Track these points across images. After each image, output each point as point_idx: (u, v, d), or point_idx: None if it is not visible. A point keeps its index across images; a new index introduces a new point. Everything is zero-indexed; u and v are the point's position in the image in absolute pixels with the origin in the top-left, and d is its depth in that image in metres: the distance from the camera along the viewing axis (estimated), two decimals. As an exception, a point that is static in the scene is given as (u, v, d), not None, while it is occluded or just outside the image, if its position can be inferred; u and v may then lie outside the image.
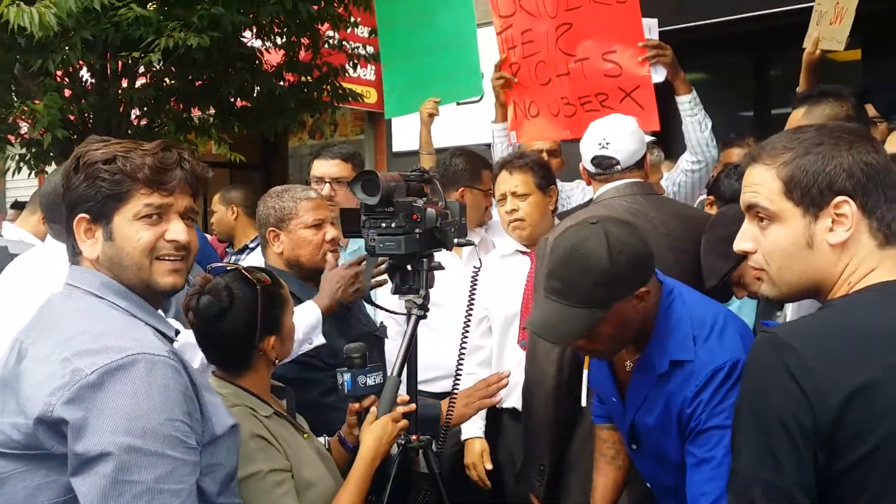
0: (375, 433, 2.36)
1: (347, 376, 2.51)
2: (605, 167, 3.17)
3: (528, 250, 3.56)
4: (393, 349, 3.21)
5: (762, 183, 1.68)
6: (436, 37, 4.93)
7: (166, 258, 1.83)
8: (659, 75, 3.83)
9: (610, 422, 2.71)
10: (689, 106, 3.78)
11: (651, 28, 3.89)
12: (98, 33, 5.26)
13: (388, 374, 2.47)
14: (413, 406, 2.49)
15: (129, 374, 1.62)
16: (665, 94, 3.93)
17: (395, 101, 5.19)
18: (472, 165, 3.89)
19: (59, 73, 5.89)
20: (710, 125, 3.78)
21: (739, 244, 1.74)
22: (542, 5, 4.13)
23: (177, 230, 1.83)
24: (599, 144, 3.18)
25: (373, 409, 2.42)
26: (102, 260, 1.82)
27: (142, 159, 1.79)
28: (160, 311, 1.94)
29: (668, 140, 5.46)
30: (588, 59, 4.00)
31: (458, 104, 6.00)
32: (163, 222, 1.82)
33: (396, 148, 9.64)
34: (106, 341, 1.67)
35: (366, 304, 2.67)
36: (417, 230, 2.46)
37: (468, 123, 6.57)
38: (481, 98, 5.14)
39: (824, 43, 3.75)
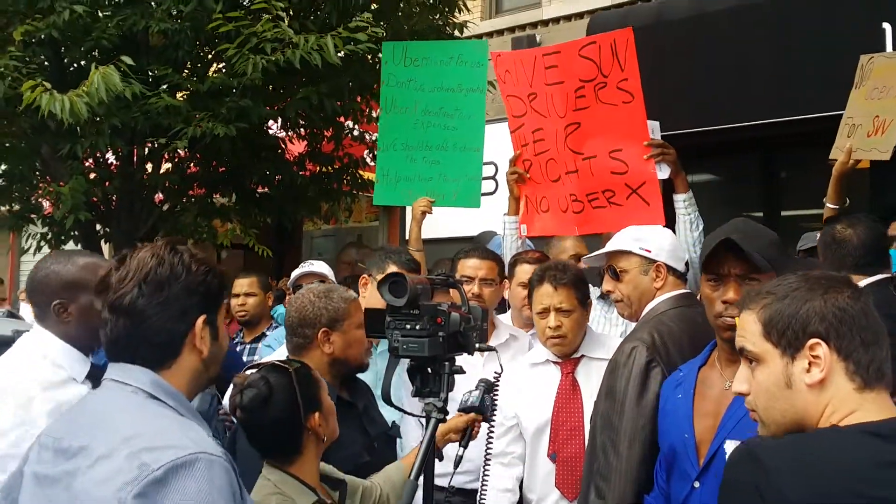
0: None
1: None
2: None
3: (560, 360, 3.58)
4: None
5: (747, 327, 1.79)
6: (443, 137, 4.99)
7: None
8: (663, 173, 3.94)
9: None
10: (684, 205, 3.83)
11: (654, 129, 4.02)
12: (127, 121, 5.40)
13: (406, 477, 2.47)
14: None
15: (191, 472, 1.64)
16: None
17: (386, 189, 5.16)
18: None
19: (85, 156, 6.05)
20: (701, 227, 3.81)
21: (737, 386, 1.83)
22: (552, 105, 4.26)
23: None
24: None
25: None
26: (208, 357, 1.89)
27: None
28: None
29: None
30: (596, 156, 4.11)
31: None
32: None
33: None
34: (168, 439, 1.69)
35: (385, 404, 2.67)
36: (441, 333, 2.49)
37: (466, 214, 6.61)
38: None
39: (861, 153, 3.82)
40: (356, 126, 7.07)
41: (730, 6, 6.57)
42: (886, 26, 5.43)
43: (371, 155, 7.09)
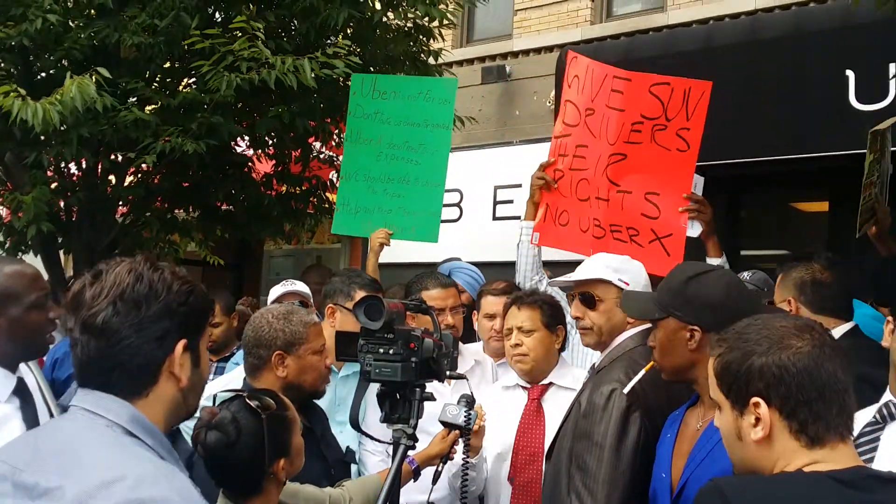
0: None
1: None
2: None
3: (529, 386, 3.59)
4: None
5: (709, 373, 1.85)
6: (406, 170, 5.02)
7: None
8: (694, 230, 3.89)
9: None
10: None
11: (697, 184, 3.96)
12: (95, 132, 5.33)
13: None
14: None
15: None
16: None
17: (345, 218, 5.19)
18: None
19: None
20: None
21: (716, 422, 1.86)
22: (606, 128, 4.17)
23: None
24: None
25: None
26: (186, 386, 1.73)
27: None
28: None
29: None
30: (631, 192, 4.05)
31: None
32: None
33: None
34: (152, 489, 1.50)
35: (353, 429, 2.67)
36: (414, 359, 2.51)
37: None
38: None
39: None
40: (324, 148, 7.07)
41: (700, 46, 6.68)
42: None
43: (338, 177, 7.09)
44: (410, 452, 2.63)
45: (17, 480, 1.55)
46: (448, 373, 2.65)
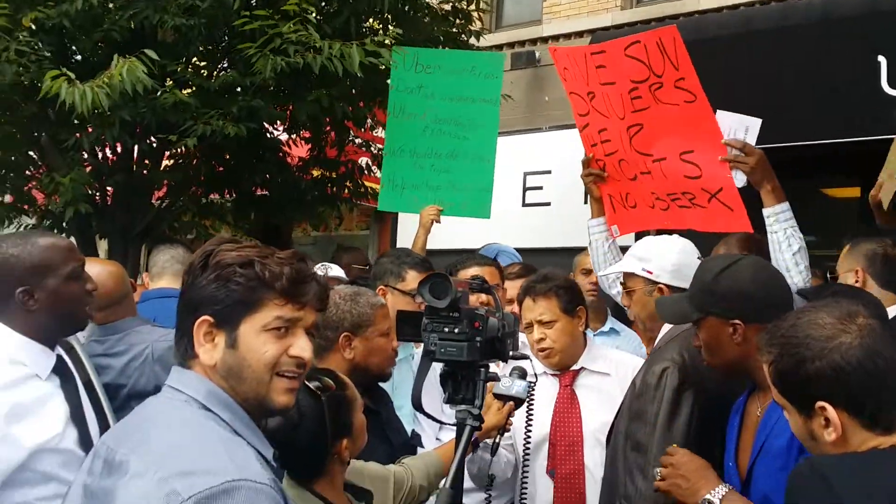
0: None
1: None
2: None
3: (558, 372, 3.50)
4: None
5: (767, 377, 1.85)
6: (453, 145, 5.00)
7: (286, 374, 1.70)
8: (739, 180, 3.58)
9: None
10: (769, 221, 3.43)
11: (749, 127, 3.61)
12: (135, 116, 5.32)
13: (442, 484, 2.42)
14: None
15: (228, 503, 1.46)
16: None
17: (391, 195, 5.16)
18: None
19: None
20: (798, 246, 3.37)
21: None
22: (611, 106, 3.99)
23: (302, 346, 1.70)
24: (699, 258, 3.09)
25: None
26: (220, 367, 1.67)
27: (280, 268, 1.67)
28: None
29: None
30: (665, 159, 3.82)
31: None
32: (289, 336, 1.69)
33: (401, 245, 9.72)
34: (207, 462, 1.51)
35: (414, 409, 2.63)
36: (479, 338, 2.45)
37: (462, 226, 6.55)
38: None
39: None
40: (357, 133, 7.03)
41: (731, 32, 6.59)
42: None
43: (376, 162, 7.06)
44: None
45: (107, 458, 1.59)
46: (511, 353, 2.60)
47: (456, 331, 2.43)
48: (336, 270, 5.23)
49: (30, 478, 2.38)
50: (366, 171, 7.03)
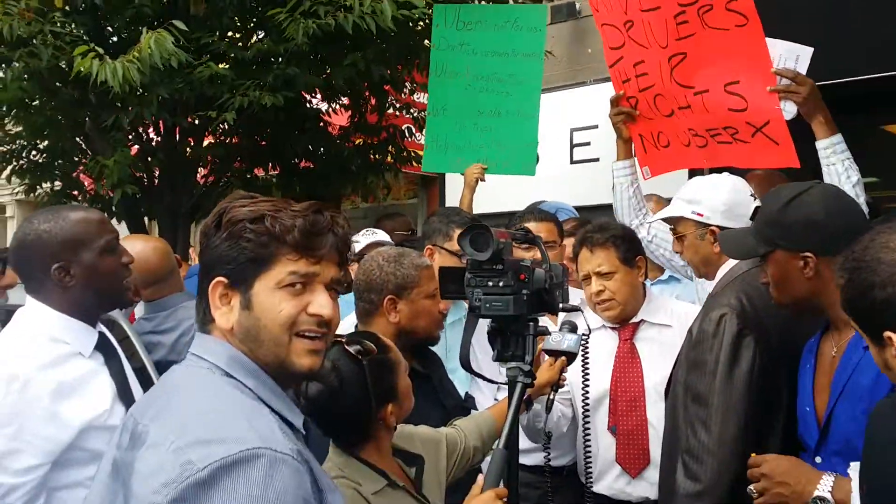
0: None
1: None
2: None
3: (618, 326, 3.38)
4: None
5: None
6: (496, 102, 4.91)
7: (307, 335, 1.60)
8: (788, 112, 3.41)
9: None
10: (824, 154, 3.32)
11: (800, 56, 3.44)
12: (172, 92, 5.28)
13: (496, 445, 2.32)
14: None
15: (246, 473, 1.38)
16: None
17: (435, 156, 5.11)
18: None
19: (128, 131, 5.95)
20: (856, 178, 3.26)
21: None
22: (652, 35, 3.78)
23: (321, 303, 1.59)
24: (752, 196, 2.94)
25: (479, 480, 2.26)
26: (237, 331, 1.59)
27: (292, 220, 1.57)
28: None
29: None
30: (708, 91, 3.62)
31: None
32: (306, 293, 1.59)
33: (450, 211, 9.61)
34: (225, 430, 1.44)
35: (464, 369, 2.53)
36: (525, 291, 2.34)
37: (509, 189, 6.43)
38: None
39: None
40: (397, 97, 6.93)
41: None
42: None
43: (417, 126, 6.95)
44: None
45: (134, 431, 1.55)
46: (561, 304, 2.47)
47: (501, 284, 2.32)
48: (382, 235, 5.16)
49: (79, 457, 2.35)
50: (408, 136, 6.90)
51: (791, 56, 3.43)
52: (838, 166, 3.27)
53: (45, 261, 2.43)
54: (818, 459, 2.32)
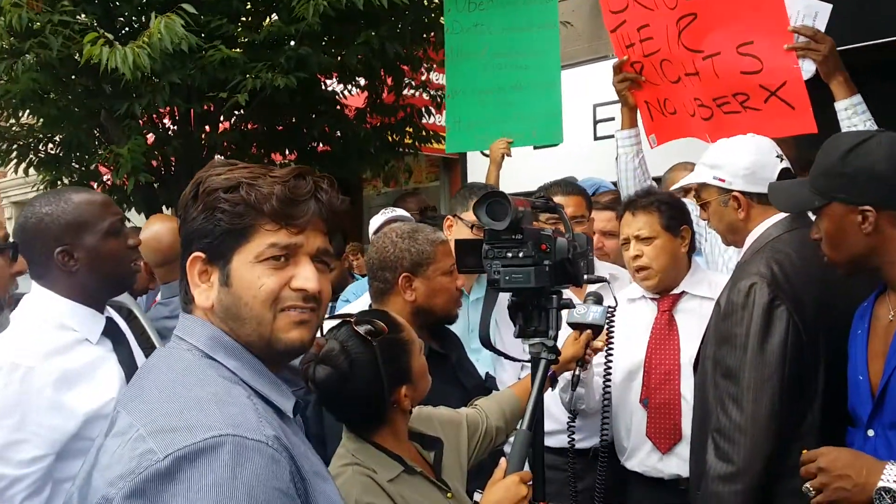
0: (499, 493, 2.07)
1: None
2: None
3: (657, 297, 3.24)
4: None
5: None
6: (516, 77, 4.89)
7: (292, 310, 1.48)
8: (807, 71, 3.26)
9: None
10: (846, 114, 3.19)
11: (818, 13, 3.30)
12: (184, 78, 5.19)
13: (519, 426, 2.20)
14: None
15: (210, 462, 1.25)
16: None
17: (458, 136, 5.08)
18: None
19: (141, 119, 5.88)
20: None
21: None
22: None
23: (305, 276, 1.48)
24: (779, 157, 2.77)
25: (501, 463, 2.14)
26: (217, 309, 1.48)
27: (270, 188, 1.44)
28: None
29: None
30: (719, 54, 3.45)
31: (535, 148, 5.86)
32: (289, 266, 1.48)
33: (473, 194, 9.49)
34: (191, 417, 1.31)
35: (485, 348, 2.41)
36: (547, 262, 2.20)
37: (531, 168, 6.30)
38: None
39: None
40: (414, 76, 6.82)
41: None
42: None
43: (435, 104, 6.83)
44: None
45: (112, 418, 1.44)
46: (586, 276, 2.34)
47: (521, 255, 2.18)
48: (401, 212, 5.08)
49: (86, 447, 2.25)
50: (426, 117, 6.78)
51: (810, 13, 3.29)
52: (861, 127, 3.13)
53: (47, 245, 2.36)
54: (870, 433, 2.18)
